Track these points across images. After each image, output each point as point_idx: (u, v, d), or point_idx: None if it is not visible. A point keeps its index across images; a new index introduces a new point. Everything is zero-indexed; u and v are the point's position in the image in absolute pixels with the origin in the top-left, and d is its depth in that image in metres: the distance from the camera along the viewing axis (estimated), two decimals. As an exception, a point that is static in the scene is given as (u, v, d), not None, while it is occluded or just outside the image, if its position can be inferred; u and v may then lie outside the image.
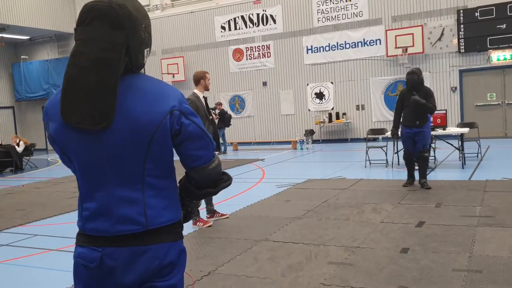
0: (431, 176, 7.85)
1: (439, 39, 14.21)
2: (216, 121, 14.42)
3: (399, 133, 7.23)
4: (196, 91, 5.75)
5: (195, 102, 5.53)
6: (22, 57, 21.45)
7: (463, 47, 13.90)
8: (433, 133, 8.77)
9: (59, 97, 1.49)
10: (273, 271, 4.01)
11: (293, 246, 4.67)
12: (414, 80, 6.93)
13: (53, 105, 1.53)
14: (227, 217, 6.02)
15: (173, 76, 18.09)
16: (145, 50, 1.57)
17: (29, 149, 14.34)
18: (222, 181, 1.73)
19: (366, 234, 4.88)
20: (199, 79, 5.80)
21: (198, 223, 5.60)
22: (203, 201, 5.74)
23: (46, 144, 21.72)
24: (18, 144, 13.94)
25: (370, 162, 9.76)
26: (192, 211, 1.77)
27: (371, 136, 10.54)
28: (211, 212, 5.95)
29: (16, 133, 19.75)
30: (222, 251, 4.65)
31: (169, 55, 18.41)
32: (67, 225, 6.20)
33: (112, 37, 1.44)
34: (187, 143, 1.58)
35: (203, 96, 5.79)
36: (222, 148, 14.60)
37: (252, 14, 16.87)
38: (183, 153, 1.61)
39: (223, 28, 17.43)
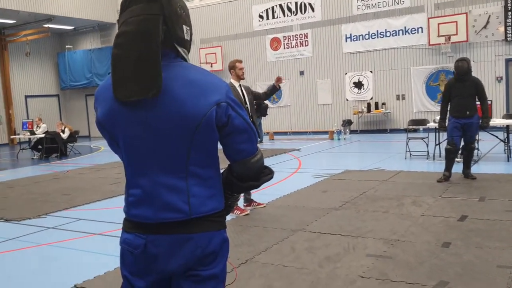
0: (475, 169, 7.60)
1: (485, 27, 13.64)
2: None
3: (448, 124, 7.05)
4: (232, 80, 5.80)
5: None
6: (66, 46, 22.15)
7: (510, 35, 13.29)
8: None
9: (108, 82, 1.56)
10: (310, 262, 4.00)
11: (330, 237, 4.65)
12: (464, 68, 6.71)
13: (102, 90, 1.60)
14: (263, 206, 6.05)
15: (211, 66, 18.21)
16: (184, 27, 1.59)
17: (73, 136, 14.85)
18: (264, 174, 1.73)
19: (406, 227, 4.79)
20: (230, 69, 5.87)
21: (236, 211, 5.66)
22: None
23: (89, 131, 22.45)
24: (63, 131, 14.46)
25: (410, 154, 9.54)
26: (231, 205, 1.77)
27: (411, 126, 10.29)
28: (248, 201, 6.00)
29: (61, 120, 20.50)
30: (259, 239, 4.69)
31: (207, 45, 18.53)
32: (110, 210, 6.41)
33: (148, 9, 1.50)
34: (232, 136, 1.59)
35: (240, 85, 5.81)
36: (259, 137, 14.63)
37: (290, 3, 16.71)
38: (227, 145, 1.62)
39: (260, 17, 17.37)
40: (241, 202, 5.99)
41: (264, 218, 5.54)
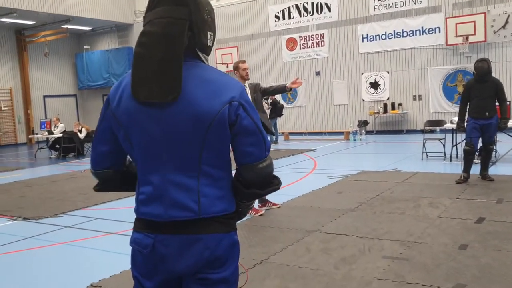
0: (492, 171, 7.48)
1: (503, 27, 13.41)
2: (268, 111, 14.53)
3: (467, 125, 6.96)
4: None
5: None
6: (84, 47, 22.43)
7: (531, 35, 13.05)
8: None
9: (125, 81, 1.57)
10: (326, 263, 3.99)
11: (346, 238, 4.62)
12: (484, 69, 6.63)
13: (117, 90, 1.59)
14: (278, 207, 6.04)
15: (227, 66, 18.24)
16: (209, 33, 1.60)
17: (90, 136, 15.03)
18: (271, 184, 1.68)
19: (423, 229, 4.74)
20: (234, 69, 5.83)
21: (250, 211, 5.67)
22: None
23: (105, 131, 22.62)
24: (80, 131, 14.66)
25: (427, 155, 9.43)
26: (243, 211, 1.73)
27: (428, 127, 10.18)
28: (263, 201, 6.00)
29: (78, 120, 20.78)
30: (274, 240, 4.69)
31: (223, 45, 18.59)
32: (125, 209, 6.47)
33: (176, 13, 1.50)
34: (239, 137, 1.57)
35: (249, 84, 5.82)
36: (274, 137, 14.64)
37: (307, 3, 16.66)
38: (234, 147, 1.60)
39: (277, 17, 17.36)
40: (256, 202, 5.99)
41: (279, 218, 5.54)
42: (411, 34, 14.81)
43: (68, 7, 18.43)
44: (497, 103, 6.80)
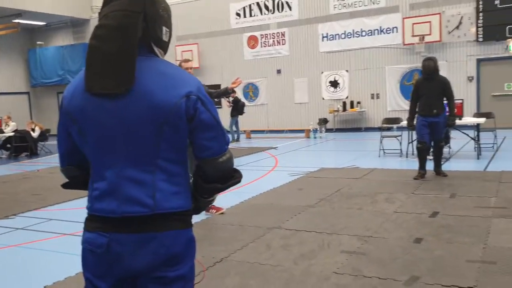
0: (446, 166, 7.75)
1: (457, 27, 13.94)
2: (230, 108, 14.50)
3: (416, 123, 7.15)
4: None
5: None
6: (37, 42, 21.62)
7: (481, 36, 13.62)
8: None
9: (79, 77, 1.57)
10: (286, 259, 4.01)
11: (305, 234, 4.67)
12: (431, 67, 6.84)
13: (73, 87, 1.59)
14: (222, 213, 5.67)
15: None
16: (164, 28, 1.62)
17: (44, 135, 14.53)
18: (232, 178, 1.68)
19: (379, 224, 4.85)
20: None
21: (211, 210, 5.62)
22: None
23: (62, 130, 21.91)
24: (33, 130, 14.13)
25: (384, 152, 9.68)
26: (201, 207, 1.73)
27: (385, 125, 10.44)
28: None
29: (31, 118, 20.00)
30: (235, 238, 4.67)
31: (183, 42, 18.37)
32: (81, 210, 6.27)
33: (130, 5, 1.52)
34: (198, 131, 1.57)
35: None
36: (236, 135, 14.61)
37: (268, 1, 16.71)
38: (193, 141, 1.60)
39: (238, 15, 17.32)
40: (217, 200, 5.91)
41: (240, 216, 5.53)
42: (369, 34, 15.14)
43: (19, 1, 17.68)
44: (446, 101, 7.04)
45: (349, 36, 15.44)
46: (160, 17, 1.59)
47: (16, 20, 18.94)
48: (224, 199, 6.46)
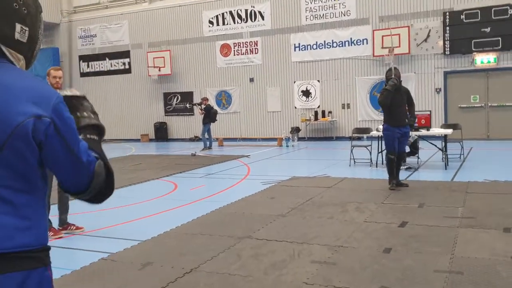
0: (414, 176, 7.92)
1: (425, 40, 14.33)
2: (202, 116, 14.43)
3: (382, 131, 7.28)
4: None
5: None
6: (4, 46, 21.01)
7: (448, 49, 14.04)
8: (417, 133, 8.87)
9: None
10: (256, 269, 3.98)
11: (276, 244, 4.65)
12: (399, 77, 7.01)
13: None
14: (82, 230, 5.44)
15: (159, 70, 17.92)
16: (19, 25, 1.35)
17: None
18: (104, 199, 1.47)
19: (350, 233, 4.89)
20: (46, 76, 5.26)
21: (49, 233, 5.24)
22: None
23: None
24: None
25: (354, 161, 9.80)
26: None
27: (356, 134, 10.59)
28: (64, 223, 5.45)
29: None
30: (205, 248, 4.61)
31: (155, 49, 18.22)
32: None
33: None
34: (50, 163, 1.33)
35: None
36: (208, 143, 14.53)
37: (241, 10, 16.78)
38: (49, 170, 1.36)
39: (211, 23, 17.32)
40: (56, 223, 5.45)
41: (210, 226, 5.46)
42: (340, 45, 15.38)
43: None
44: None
45: (320, 47, 15.64)
46: (12, 12, 1.33)
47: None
48: (195, 208, 6.40)
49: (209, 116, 14.40)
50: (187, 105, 18.06)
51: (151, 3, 18.56)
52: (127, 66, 19.25)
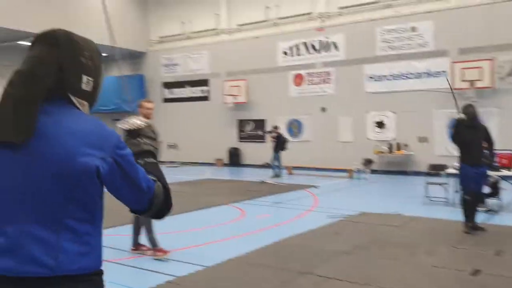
0: (494, 220, 7.40)
1: (510, 73, 13.50)
2: (273, 144, 14.61)
3: (460, 172, 6.89)
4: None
5: None
6: (97, 72, 22.87)
7: (537, 83, 13.11)
8: (498, 174, 8.33)
9: None
10: (314, 308, 3.93)
11: (337, 283, 4.56)
12: (474, 114, 6.66)
13: None
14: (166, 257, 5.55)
15: (235, 98, 18.49)
16: (85, 77, 1.53)
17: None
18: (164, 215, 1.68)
19: (415, 279, 4.67)
20: (138, 107, 5.81)
21: (153, 252, 5.55)
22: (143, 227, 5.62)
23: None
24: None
25: (429, 199, 9.36)
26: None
27: (432, 171, 10.14)
28: (136, 244, 5.77)
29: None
30: (264, 280, 4.64)
31: (232, 77, 18.87)
32: (123, 237, 6.46)
33: (45, 53, 1.47)
34: (114, 191, 1.52)
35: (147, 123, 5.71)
36: (277, 171, 14.63)
37: (315, 41, 16.96)
38: (115, 196, 1.56)
39: (285, 53, 17.65)
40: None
41: (272, 257, 5.49)
42: (417, 76, 14.94)
43: (86, 34, 18.77)
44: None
45: (396, 78, 15.30)
46: (80, 66, 1.51)
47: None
48: (259, 237, 6.47)
49: (279, 144, 14.55)
50: (260, 132, 18.40)
51: (231, 34, 19.34)
52: (205, 94, 20.09)
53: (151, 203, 1.58)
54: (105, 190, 1.52)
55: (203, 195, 10.61)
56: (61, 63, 1.47)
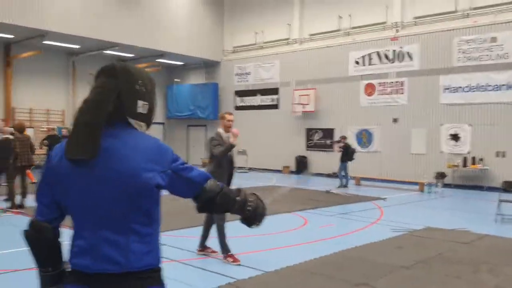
0: None
1: None
2: (340, 154, 14.61)
3: None
4: (219, 130, 6.00)
5: (214, 138, 5.88)
6: (175, 80, 24.14)
7: None
8: None
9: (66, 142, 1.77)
10: (367, 318, 4.06)
11: (393, 296, 4.64)
12: None
13: (58, 149, 1.79)
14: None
15: (303, 107, 18.70)
16: (140, 102, 1.80)
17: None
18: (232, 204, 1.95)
19: (475, 297, 4.63)
20: (220, 119, 6.14)
21: (228, 259, 5.79)
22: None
23: (187, 159, 23.86)
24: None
25: (501, 217, 8.97)
26: (250, 216, 2.02)
27: (507, 187, 9.68)
28: (202, 246, 6.12)
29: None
30: (321, 288, 4.82)
31: (301, 87, 19.11)
32: (193, 238, 6.91)
33: (106, 83, 1.75)
34: (174, 190, 1.80)
35: (227, 136, 5.93)
36: (344, 181, 14.60)
37: (388, 51, 16.73)
38: (179, 194, 1.84)
39: (357, 62, 17.58)
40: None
41: (331, 267, 5.64)
42: (496, 89, 14.25)
43: (162, 44, 20.10)
44: None
45: (473, 90, 14.69)
46: (135, 92, 1.77)
47: (159, 60, 21.53)
48: (320, 246, 6.64)
49: (347, 154, 14.52)
50: (327, 142, 18.44)
51: (302, 44, 19.62)
52: (275, 102, 20.50)
53: (203, 191, 1.83)
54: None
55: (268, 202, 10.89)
56: (119, 91, 1.74)
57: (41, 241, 1.77)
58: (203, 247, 6.16)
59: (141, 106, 1.80)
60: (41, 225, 1.76)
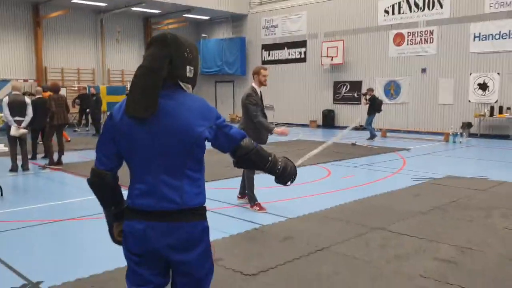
0: None
1: None
2: (366, 106, 14.72)
3: None
4: (253, 85, 6.15)
5: (252, 95, 6.04)
6: (202, 35, 24.22)
7: None
8: None
9: (125, 102, 2.03)
10: (380, 258, 4.43)
11: (406, 238, 5.01)
12: None
13: (119, 108, 2.06)
14: (264, 211, 6.19)
15: (332, 59, 18.63)
16: (188, 67, 2.05)
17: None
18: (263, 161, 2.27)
19: (484, 238, 4.96)
20: (254, 74, 6.17)
21: (254, 207, 6.23)
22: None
23: (215, 114, 24.35)
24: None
25: (524, 165, 9.11)
26: (281, 176, 2.38)
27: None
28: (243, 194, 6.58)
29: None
30: (339, 232, 5.25)
31: (329, 39, 18.96)
32: (222, 190, 7.41)
33: (159, 51, 1.99)
34: (218, 145, 2.12)
35: (260, 91, 6.16)
36: (372, 132, 14.75)
37: (418, -1, 16.33)
38: (220, 147, 2.14)
39: (386, 12, 17.25)
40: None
41: (350, 213, 6.05)
42: (528, 36, 13.88)
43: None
44: None
45: (504, 37, 14.33)
46: (185, 59, 2.02)
47: (186, 15, 21.61)
48: (341, 195, 7.05)
49: (374, 106, 14.61)
50: (355, 94, 18.46)
51: (329, -6, 19.28)
52: (302, 55, 20.45)
53: (239, 147, 2.15)
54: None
55: (293, 155, 11.28)
56: (171, 58, 1.99)
57: (103, 186, 2.11)
58: (243, 194, 6.68)
59: (189, 71, 2.06)
60: (102, 172, 2.09)
